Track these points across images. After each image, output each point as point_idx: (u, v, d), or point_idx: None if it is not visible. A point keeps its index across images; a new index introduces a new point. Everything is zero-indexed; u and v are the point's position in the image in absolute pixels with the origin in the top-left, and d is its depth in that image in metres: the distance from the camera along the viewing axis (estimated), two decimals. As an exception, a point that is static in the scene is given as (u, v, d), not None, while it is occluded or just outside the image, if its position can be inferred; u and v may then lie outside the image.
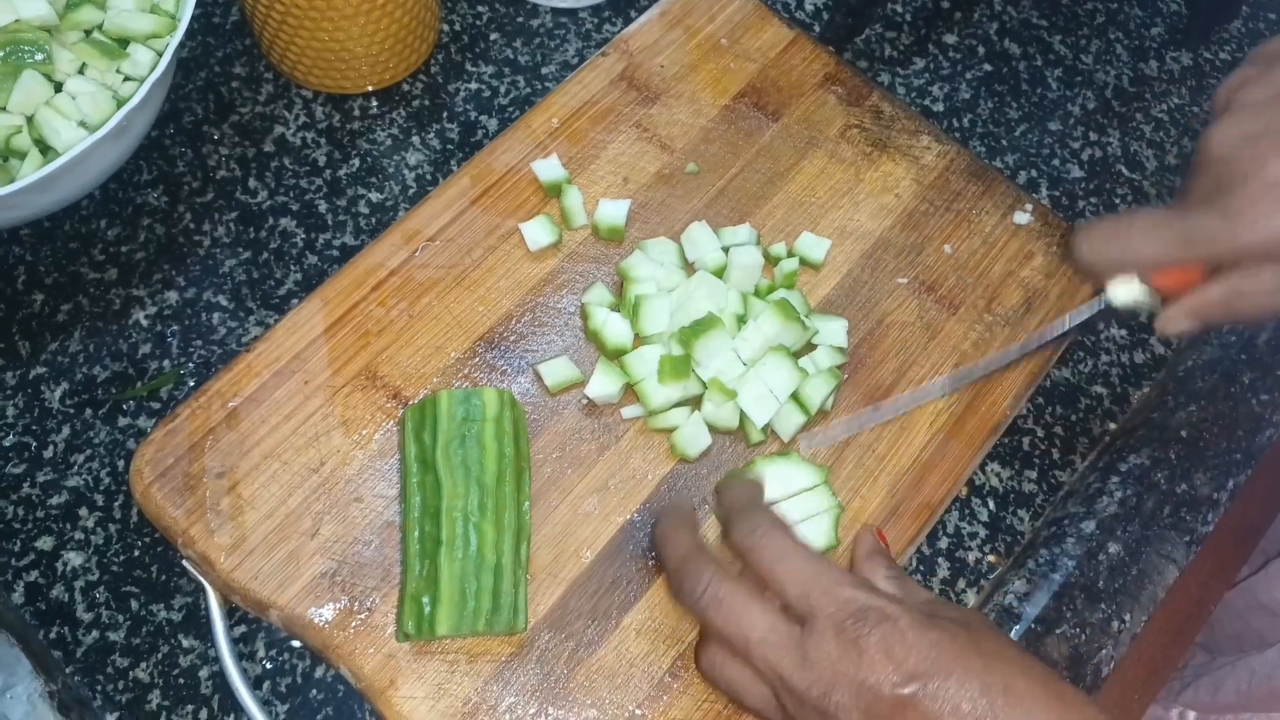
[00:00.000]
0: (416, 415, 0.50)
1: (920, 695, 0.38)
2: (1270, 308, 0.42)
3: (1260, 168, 0.39)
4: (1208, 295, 0.43)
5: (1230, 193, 0.39)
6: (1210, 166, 0.41)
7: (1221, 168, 0.40)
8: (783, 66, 0.66)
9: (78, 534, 0.54)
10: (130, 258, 0.61)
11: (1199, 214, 0.41)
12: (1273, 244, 0.39)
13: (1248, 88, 0.42)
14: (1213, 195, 0.40)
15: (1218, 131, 0.41)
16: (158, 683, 0.51)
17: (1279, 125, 0.39)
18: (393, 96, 0.67)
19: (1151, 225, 0.42)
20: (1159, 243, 0.42)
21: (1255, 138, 0.39)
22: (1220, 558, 0.79)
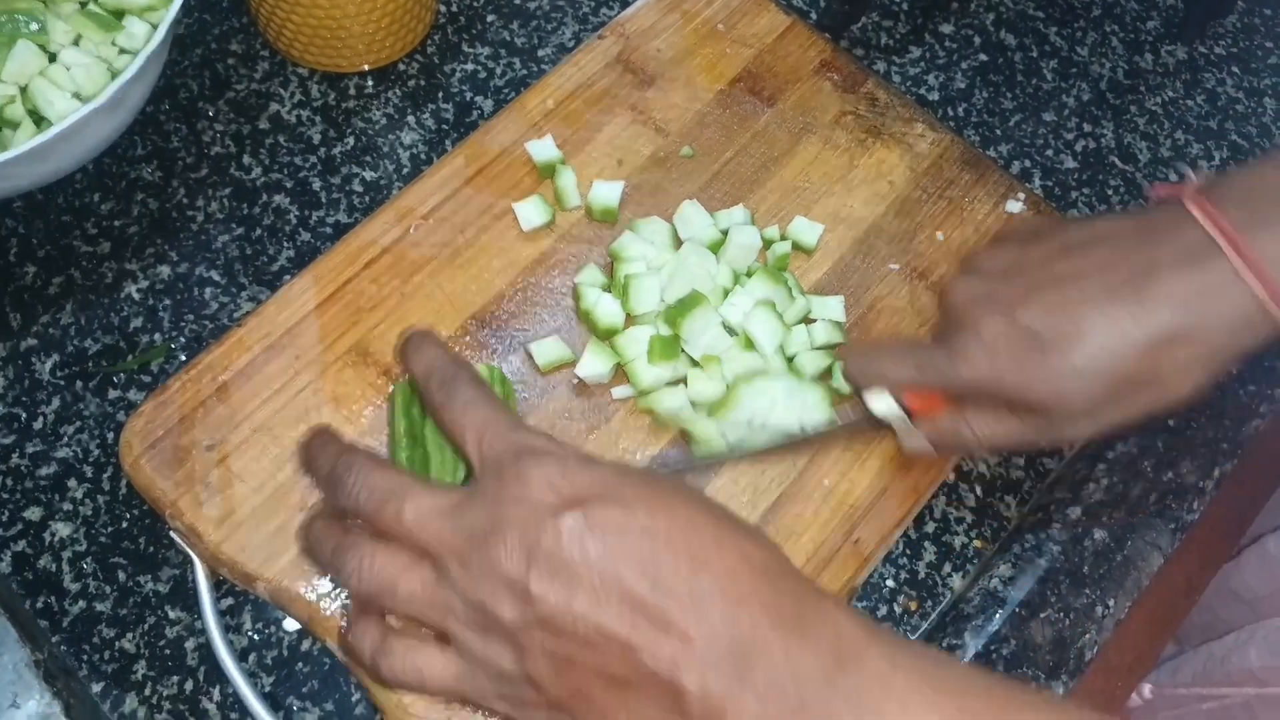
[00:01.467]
0: (406, 391, 0.50)
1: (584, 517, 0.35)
2: (984, 436, 0.50)
3: (975, 324, 0.47)
4: (940, 422, 0.51)
5: (954, 338, 0.48)
6: (946, 314, 0.50)
7: (953, 316, 0.49)
8: (779, 52, 0.66)
9: (66, 505, 0.54)
10: (123, 231, 0.61)
11: (933, 350, 0.49)
12: (978, 382, 0.47)
13: (982, 259, 0.51)
14: (944, 337, 0.49)
15: (956, 285, 0.50)
16: (144, 653, 0.51)
17: (993, 291, 0.48)
18: (388, 76, 0.68)
19: (898, 353, 0.51)
20: (900, 368, 0.50)
21: (975, 297, 0.48)
22: (1206, 547, 0.80)
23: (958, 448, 0.53)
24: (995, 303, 0.47)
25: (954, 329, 0.49)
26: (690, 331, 0.54)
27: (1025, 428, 0.48)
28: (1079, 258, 0.47)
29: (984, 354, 0.47)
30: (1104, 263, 0.46)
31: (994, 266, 0.50)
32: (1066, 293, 0.46)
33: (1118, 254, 0.46)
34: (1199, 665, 0.76)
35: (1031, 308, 0.46)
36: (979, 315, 0.47)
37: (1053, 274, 0.47)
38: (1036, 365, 0.46)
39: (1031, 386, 0.46)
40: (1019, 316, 0.46)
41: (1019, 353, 0.46)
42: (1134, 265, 0.45)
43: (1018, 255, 0.49)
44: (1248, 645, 0.70)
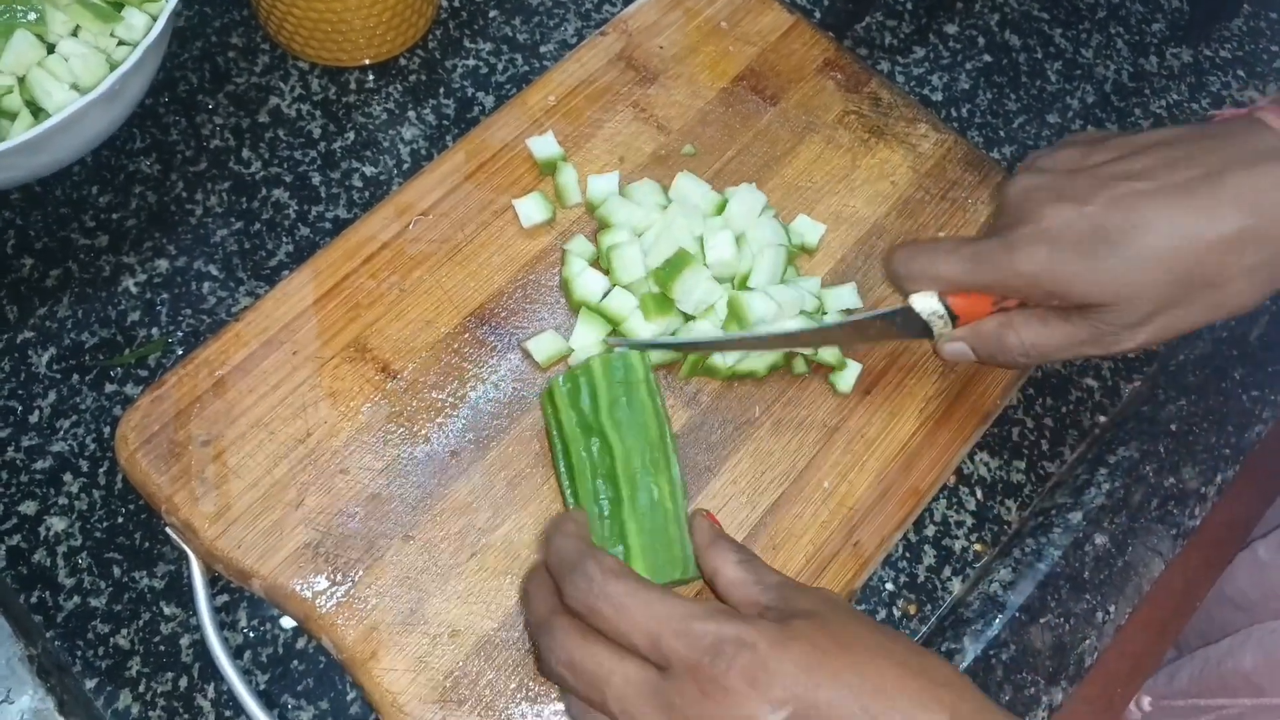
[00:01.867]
0: (570, 382, 0.50)
1: (790, 715, 0.37)
2: (1031, 344, 0.49)
3: (1036, 214, 0.46)
4: (983, 325, 0.50)
5: (1012, 230, 0.47)
6: (1004, 209, 0.49)
7: (1011, 211, 0.48)
8: (782, 51, 0.66)
9: (61, 499, 0.54)
10: (121, 225, 0.61)
11: (987, 243, 0.48)
12: (1033, 274, 0.46)
13: (1043, 158, 0.49)
14: (1001, 231, 0.48)
15: (1013, 183, 0.49)
16: (138, 650, 0.51)
17: (1057, 184, 0.47)
18: (389, 71, 0.67)
19: (950, 249, 0.49)
20: (951, 262, 0.49)
21: (1037, 189, 0.47)
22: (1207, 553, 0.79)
23: (1001, 355, 0.50)
24: (1059, 194, 0.46)
25: (1013, 222, 0.47)
26: (681, 291, 0.54)
27: (1077, 332, 0.47)
28: (1148, 156, 0.46)
29: (1045, 245, 0.45)
30: (1174, 160, 0.45)
31: (1057, 164, 0.48)
32: (1135, 186, 0.45)
33: (1189, 153, 0.45)
34: (1195, 670, 0.76)
35: (1098, 199, 0.45)
36: (1041, 205, 0.46)
37: (1121, 170, 0.46)
38: (1100, 258, 0.44)
39: (1094, 280, 0.45)
40: (1084, 207, 0.45)
41: (1082, 244, 0.45)
42: (1205, 163, 0.44)
43: (1083, 154, 0.48)
44: (1243, 649, 0.70)
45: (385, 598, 0.49)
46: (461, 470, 0.52)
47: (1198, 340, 0.64)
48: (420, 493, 0.51)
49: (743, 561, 0.44)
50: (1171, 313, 0.45)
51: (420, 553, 0.50)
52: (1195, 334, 0.64)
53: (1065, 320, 0.47)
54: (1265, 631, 0.70)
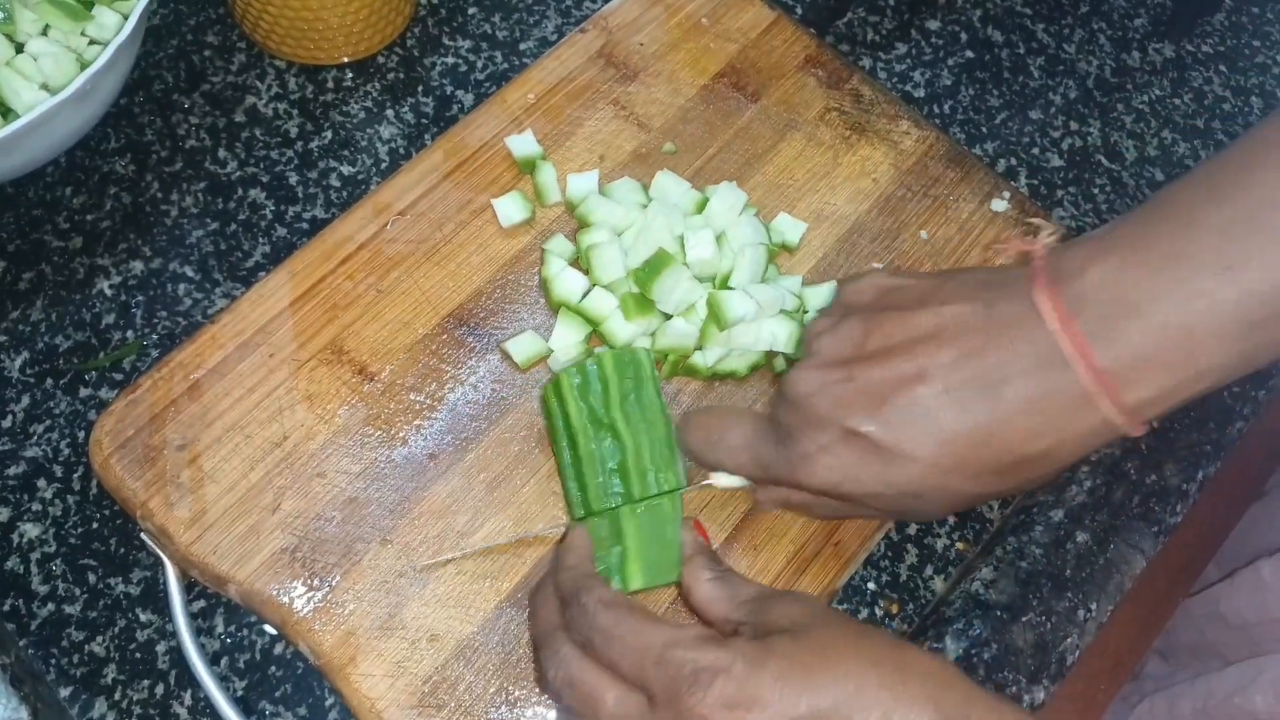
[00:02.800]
0: (580, 375, 0.50)
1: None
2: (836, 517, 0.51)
3: (815, 428, 0.44)
4: (791, 497, 0.49)
5: (795, 441, 0.45)
6: (789, 404, 0.46)
7: (795, 411, 0.45)
8: (763, 47, 0.65)
9: (35, 505, 0.53)
10: (95, 226, 0.60)
11: (773, 450, 0.46)
12: (824, 489, 0.45)
13: (823, 338, 0.46)
14: (786, 434, 0.46)
15: (797, 376, 0.46)
16: (114, 657, 0.50)
17: (833, 390, 0.44)
18: (367, 69, 0.66)
19: (739, 446, 0.48)
20: (741, 463, 0.48)
21: (818, 395, 0.45)
22: (1189, 551, 0.79)
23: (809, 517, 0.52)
24: (837, 406, 0.44)
25: (795, 428, 0.45)
26: (661, 292, 0.54)
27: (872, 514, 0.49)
28: (924, 353, 0.43)
29: (825, 464, 0.44)
30: (948, 365, 0.42)
31: (834, 353, 0.45)
32: (912, 397, 0.42)
33: (964, 355, 0.42)
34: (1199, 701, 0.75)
35: (873, 417, 0.43)
36: (820, 419, 0.44)
37: (894, 373, 0.43)
38: (879, 477, 0.44)
39: (876, 497, 0.44)
40: (861, 426, 0.43)
41: (861, 463, 0.44)
42: (980, 373, 0.42)
43: (859, 338, 0.45)
44: (1252, 689, 0.69)
45: (363, 602, 0.49)
46: (440, 473, 0.52)
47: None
48: (398, 496, 0.51)
49: (716, 578, 0.44)
50: (964, 498, 0.45)
51: (398, 556, 0.50)
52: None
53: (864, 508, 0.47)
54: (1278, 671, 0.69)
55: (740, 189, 0.59)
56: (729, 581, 0.44)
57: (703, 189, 0.59)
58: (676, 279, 0.54)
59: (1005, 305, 0.43)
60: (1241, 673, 0.71)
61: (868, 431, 0.43)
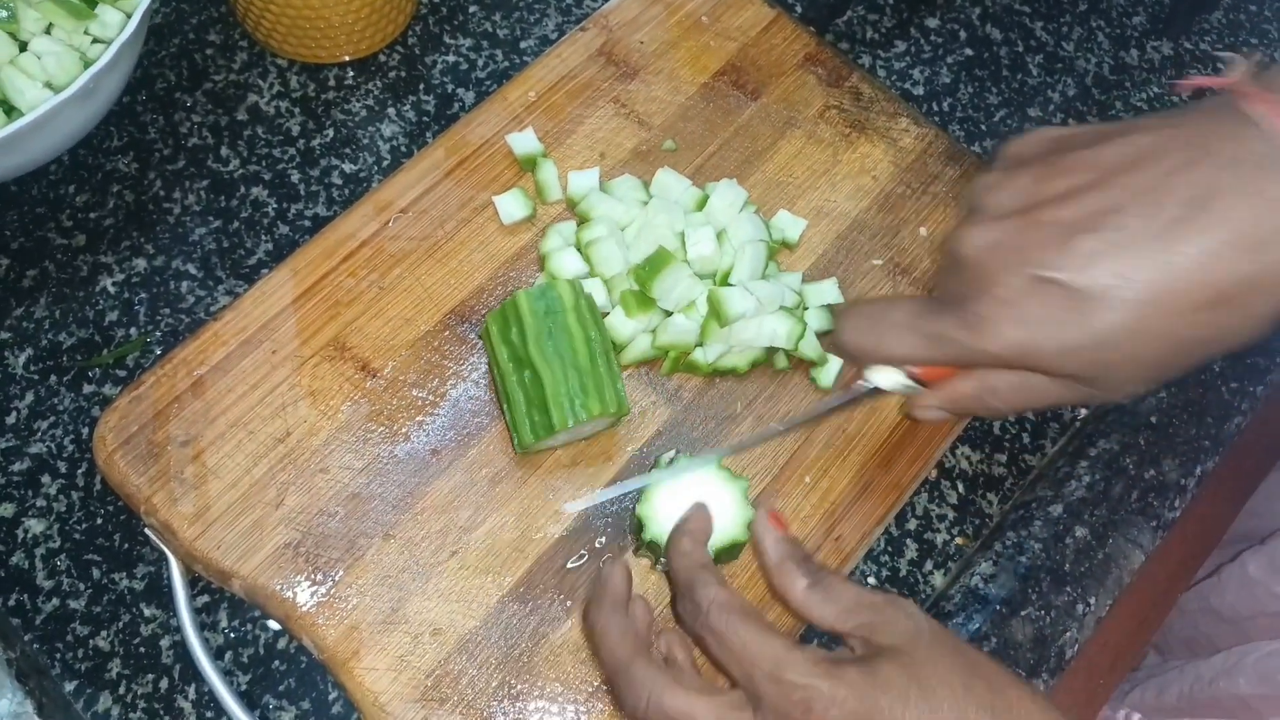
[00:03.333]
0: (499, 319, 0.51)
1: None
2: (1015, 405, 0.44)
3: (993, 283, 0.39)
4: (960, 389, 0.45)
5: (970, 303, 0.40)
6: (956, 268, 0.42)
7: (965, 273, 0.41)
8: (763, 45, 0.66)
9: (39, 501, 0.53)
10: (99, 224, 0.60)
11: (944, 319, 0.42)
12: (1004, 356, 0.40)
13: (992, 192, 0.42)
14: (957, 301, 0.41)
15: (963, 234, 0.41)
16: (118, 651, 0.51)
17: (1013, 240, 0.40)
18: (369, 67, 0.67)
19: (904, 324, 0.43)
20: (908, 344, 0.43)
21: (992, 248, 0.40)
22: (1187, 545, 0.80)
23: (984, 415, 0.46)
24: (1018, 254, 0.39)
25: (969, 290, 0.40)
26: (661, 290, 0.54)
27: (1065, 394, 0.42)
28: (1116, 186, 0.38)
29: (1010, 321, 0.39)
30: (1148, 189, 0.37)
31: (1009, 203, 0.40)
32: (1105, 234, 0.37)
33: (1164, 176, 0.37)
34: (1186, 686, 0.75)
35: (1066, 261, 0.37)
36: (1001, 271, 0.39)
37: (1085, 210, 0.38)
38: (1079, 331, 0.38)
39: (1074, 357, 0.39)
40: (1048, 269, 0.38)
41: (1053, 316, 0.38)
42: (1187, 190, 0.36)
43: (1037, 184, 0.40)
44: (1236, 671, 0.70)
45: (366, 597, 0.49)
46: (442, 469, 0.52)
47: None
48: (401, 491, 0.51)
49: (811, 585, 0.43)
50: (1164, 370, 0.40)
51: (401, 551, 0.50)
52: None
53: (1049, 382, 0.42)
54: (1261, 654, 0.70)
55: (740, 186, 0.59)
56: (825, 586, 0.43)
57: (703, 186, 0.60)
58: (676, 276, 0.54)
59: (1209, 124, 0.37)
60: (1226, 658, 0.72)
61: (1061, 277, 0.38)
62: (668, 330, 0.55)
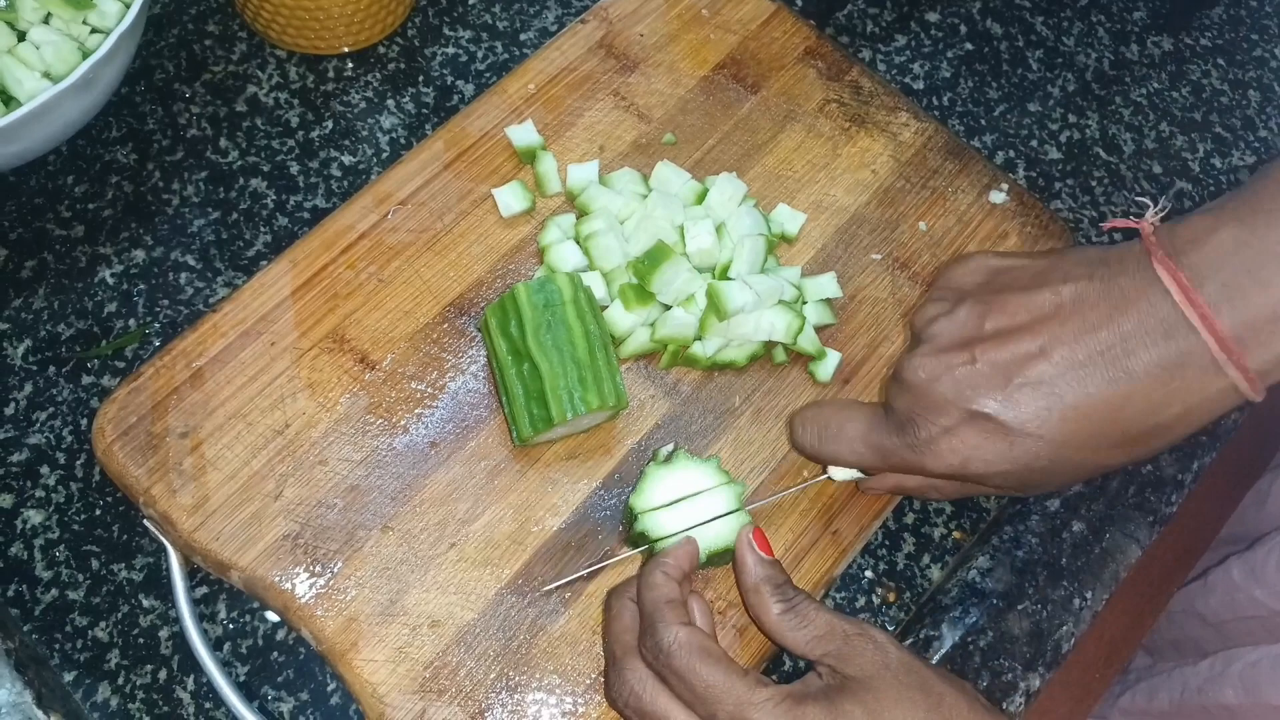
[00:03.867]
0: (498, 312, 0.51)
1: None
2: (952, 497, 0.52)
3: (936, 412, 0.44)
4: (906, 484, 0.51)
5: (915, 427, 0.45)
6: (904, 390, 0.46)
7: (911, 396, 0.46)
8: (763, 39, 0.66)
9: (38, 492, 0.53)
10: (97, 215, 0.60)
11: (892, 438, 0.46)
12: (947, 473, 0.45)
13: (936, 324, 0.46)
14: (904, 420, 0.46)
15: (910, 363, 0.46)
16: (117, 642, 0.51)
17: (952, 374, 0.44)
18: (368, 59, 0.67)
19: (855, 437, 0.48)
20: (858, 454, 0.48)
21: (935, 381, 0.45)
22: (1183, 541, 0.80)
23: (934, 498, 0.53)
24: (957, 389, 0.44)
25: (915, 413, 0.45)
26: (660, 284, 0.54)
27: (991, 491, 0.49)
28: (1043, 333, 0.43)
29: (949, 447, 0.44)
30: (1071, 336, 0.42)
31: (950, 337, 0.45)
32: (1037, 373, 0.43)
33: (1088, 326, 0.42)
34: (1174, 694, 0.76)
35: (996, 396, 0.43)
36: (941, 403, 0.44)
37: (1016, 353, 0.43)
38: (1004, 456, 0.44)
39: (1000, 475, 0.45)
40: (984, 407, 0.43)
41: (986, 444, 0.44)
42: (1109, 343, 0.42)
43: (975, 321, 0.45)
44: (1223, 680, 0.70)
45: (365, 589, 0.49)
46: (441, 461, 0.52)
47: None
48: (399, 484, 0.51)
49: (785, 610, 0.45)
50: (1090, 470, 0.45)
51: (400, 544, 0.50)
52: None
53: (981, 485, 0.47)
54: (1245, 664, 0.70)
55: (740, 180, 0.59)
56: (799, 612, 0.45)
57: (702, 180, 0.60)
58: (676, 270, 0.54)
59: (1125, 280, 0.42)
60: (1213, 666, 0.72)
61: (992, 412, 0.43)
62: (666, 324, 0.55)
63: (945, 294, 0.48)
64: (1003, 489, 0.48)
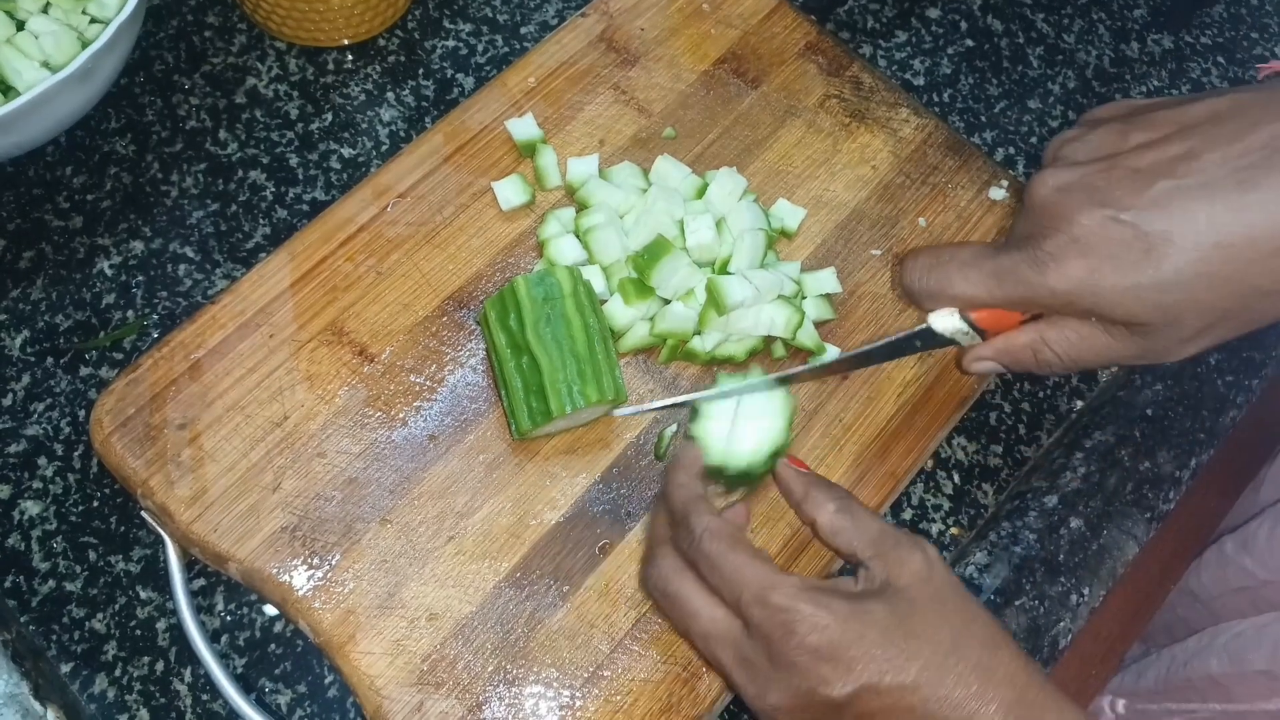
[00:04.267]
0: (498, 305, 0.51)
1: (853, 696, 0.39)
2: (1067, 358, 0.44)
3: (1068, 220, 0.40)
4: (1015, 340, 0.45)
5: (1041, 241, 0.41)
6: (1030, 212, 0.42)
7: (1038, 215, 0.41)
8: (764, 34, 0.66)
9: (36, 483, 0.53)
10: (96, 206, 0.60)
11: (1012, 256, 0.42)
12: (1068, 293, 0.40)
13: (1071, 145, 0.43)
14: (1027, 240, 0.42)
15: (1040, 180, 0.42)
16: (114, 634, 0.51)
17: (1090, 181, 0.40)
18: (368, 51, 0.66)
19: (969, 262, 0.44)
20: (972, 281, 0.44)
21: (1068, 189, 0.40)
22: (1181, 537, 0.80)
23: (1037, 370, 0.46)
24: (1093, 196, 0.39)
25: (1041, 230, 0.41)
26: (659, 279, 0.54)
27: (1119, 347, 0.42)
28: (1195, 136, 0.39)
29: (1080, 259, 0.39)
30: (1226, 138, 0.38)
31: (1090, 152, 0.41)
32: (1180, 179, 0.38)
33: (1243, 128, 0.38)
34: (1162, 670, 0.76)
35: (1138, 201, 0.38)
36: (1074, 211, 0.39)
37: (1163, 160, 0.39)
38: (1143, 272, 0.38)
39: (1136, 298, 0.39)
40: (1122, 210, 0.38)
41: (1122, 256, 0.38)
42: (1265, 141, 0.37)
43: (1119, 136, 0.41)
44: (1208, 652, 0.71)
45: (363, 581, 0.49)
46: (439, 454, 0.52)
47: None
48: (398, 476, 0.51)
49: (840, 510, 0.45)
50: (1226, 324, 0.40)
51: (398, 536, 0.50)
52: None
53: (1106, 334, 0.42)
54: (1230, 635, 0.71)
55: (740, 175, 0.59)
56: (852, 513, 0.45)
57: (703, 174, 0.59)
58: (675, 265, 0.54)
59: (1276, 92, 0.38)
60: (1199, 640, 0.73)
61: (1130, 218, 0.38)
62: (666, 318, 0.55)
63: (1082, 123, 0.44)
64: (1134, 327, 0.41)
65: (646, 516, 0.52)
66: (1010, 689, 0.40)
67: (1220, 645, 0.70)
